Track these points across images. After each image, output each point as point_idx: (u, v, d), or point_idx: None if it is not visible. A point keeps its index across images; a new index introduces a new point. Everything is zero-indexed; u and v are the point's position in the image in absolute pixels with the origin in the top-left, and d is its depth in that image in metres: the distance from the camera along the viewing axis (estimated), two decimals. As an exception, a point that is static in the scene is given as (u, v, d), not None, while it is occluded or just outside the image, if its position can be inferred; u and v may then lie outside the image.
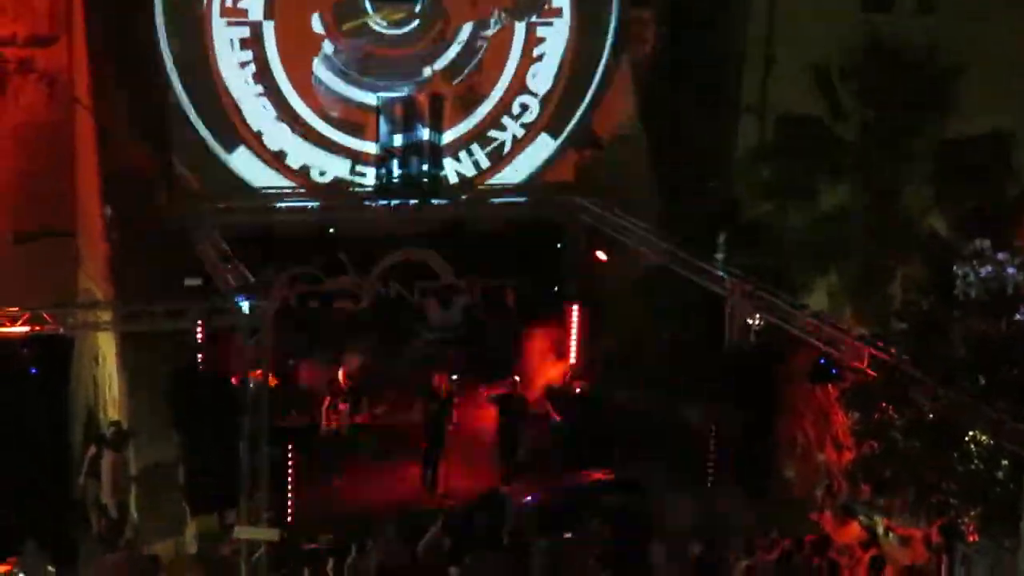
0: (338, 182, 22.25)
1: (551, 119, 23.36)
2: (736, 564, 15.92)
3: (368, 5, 21.88)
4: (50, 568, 15.08)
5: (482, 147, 23.18)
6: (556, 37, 23.10)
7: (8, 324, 14.91)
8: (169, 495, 17.75)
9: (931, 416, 15.00)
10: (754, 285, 18.35)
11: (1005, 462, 14.26)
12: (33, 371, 15.95)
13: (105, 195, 19.46)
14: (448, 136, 22.60)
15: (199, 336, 19.35)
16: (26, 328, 15.04)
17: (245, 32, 21.19)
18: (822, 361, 17.20)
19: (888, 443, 16.03)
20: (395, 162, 21.88)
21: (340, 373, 20.36)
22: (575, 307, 22.90)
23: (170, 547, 17.33)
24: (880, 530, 17.39)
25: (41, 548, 15.21)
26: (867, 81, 20.73)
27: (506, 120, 23.16)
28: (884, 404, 16.13)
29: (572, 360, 22.78)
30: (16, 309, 14.96)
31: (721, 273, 19.07)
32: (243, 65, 21.26)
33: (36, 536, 15.23)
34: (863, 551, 16.30)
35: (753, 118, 22.53)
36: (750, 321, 18.58)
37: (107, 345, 18.93)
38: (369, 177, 22.24)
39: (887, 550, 16.62)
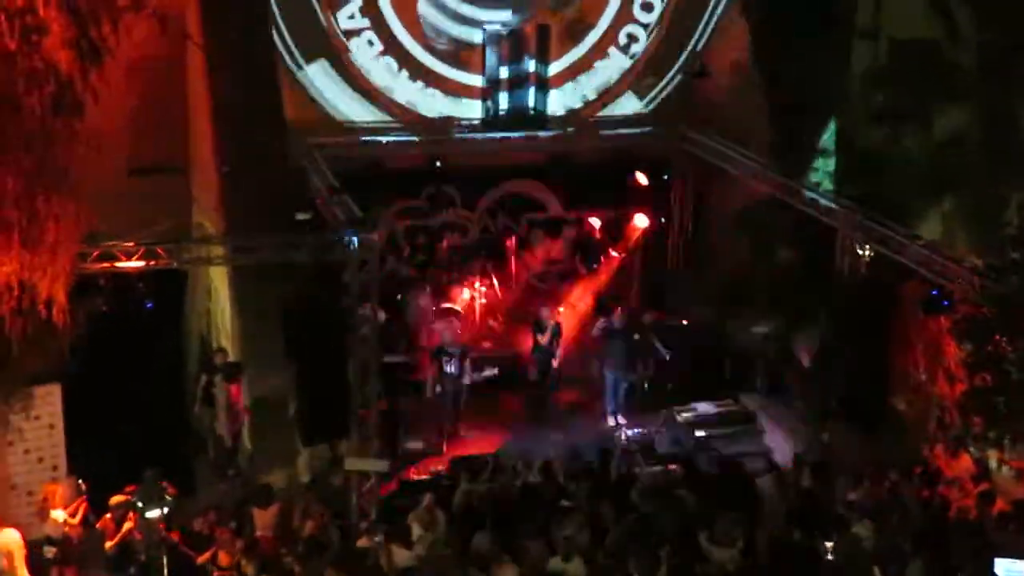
0: (445, 115, 22.27)
1: (659, 49, 23.08)
2: (845, 496, 15.81)
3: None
4: (167, 496, 15.45)
5: (589, 79, 23.02)
6: (662, -36, 22.83)
7: (124, 259, 15.21)
8: (281, 426, 18.09)
9: (1046, 347, 14.73)
10: (865, 215, 18.04)
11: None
12: (149, 305, 16.32)
13: (216, 130, 19.72)
14: (554, 67, 22.47)
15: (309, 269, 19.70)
16: (141, 263, 15.35)
17: (351, -35, 21.28)
18: (934, 292, 16.91)
19: (1001, 375, 15.78)
20: (501, 94, 21.80)
21: (447, 334, 20.26)
22: (682, 238, 22.79)
23: (282, 477, 17.69)
24: (993, 463, 17.15)
25: (160, 477, 15.61)
26: (985, 1, 20.14)
27: (613, 51, 22.95)
28: (997, 336, 15.86)
29: (679, 292, 22.71)
30: (131, 244, 15.26)
31: (831, 203, 18.78)
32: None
33: (155, 465, 15.63)
34: (974, 484, 16.09)
35: (866, 42, 22.02)
36: (861, 251, 18.31)
37: (219, 278, 19.25)
38: (475, 110, 22.22)
39: (999, 483, 16.38)
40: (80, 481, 15.41)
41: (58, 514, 15.06)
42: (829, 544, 13.72)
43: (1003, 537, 14.05)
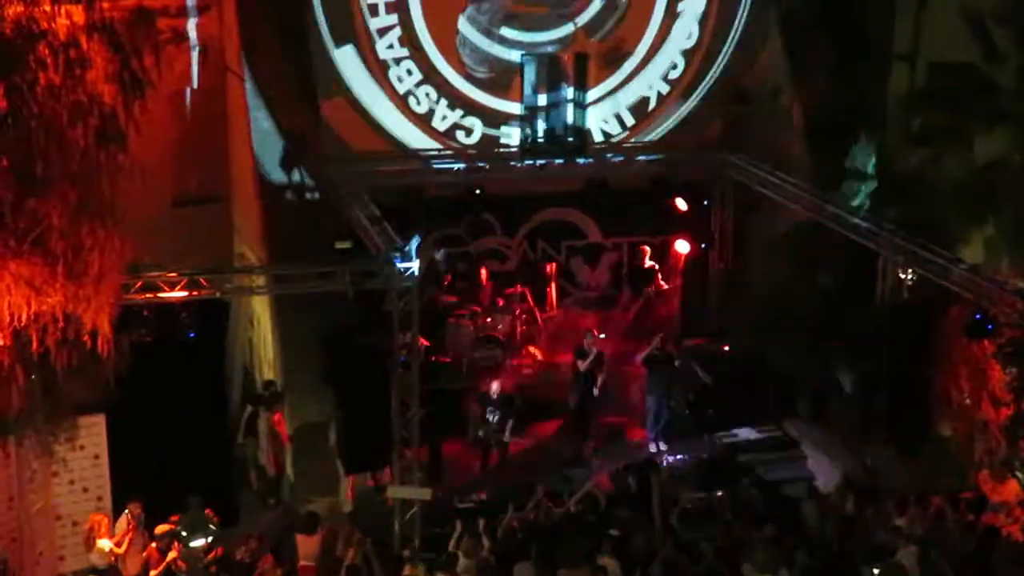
0: (484, 143, 22.34)
1: (697, 74, 23.10)
2: (889, 522, 15.67)
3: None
4: (211, 526, 15.53)
5: (627, 105, 23.04)
6: (700, -11, 22.86)
7: (167, 289, 15.32)
8: (324, 454, 18.13)
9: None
10: (907, 239, 17.95)
11: None
12: (191, 335, 16.42)
13: (257, 160, 19.89)
14: (593, 94, 22.51)
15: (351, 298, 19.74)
16: (184, 293, 15.44)
17: (390, -5, 21.42)
18: (978, 316, 16.79)
19: (1048, 399, 15.67)
20: (539, 121, 21.86)
21: (492, 385, 19.80)
22: (722, 264, 22.71)
23: (325, 505, 17.73)
24: (1041, 489, 17.01)
25: (203, 505, 15.68)
26: (1024, 24, 20.06)
27: (651, 77, 22.96)
28: (1043, 359, 15.76)
29: (720, 318, 22.63)
30: (174, 275, 15.35)
31: (873, 227, 18.67)
32: (388, 29, 21.44)
33: (198, 494, 15.70)
34: (1022, 510, 15.92)
35: (905, 66, 21.98)
36: (903, 275, 18.20)
37: (261, 308, 19.37)
38: (514, 137, 22.28)
39: (1048, 509, 16.22)
40: (128, 511, 15.49)
41: (104, 543, 15.15)
42: (876, 571, 13.57)
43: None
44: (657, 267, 23.10)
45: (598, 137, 22.87)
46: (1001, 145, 20.15)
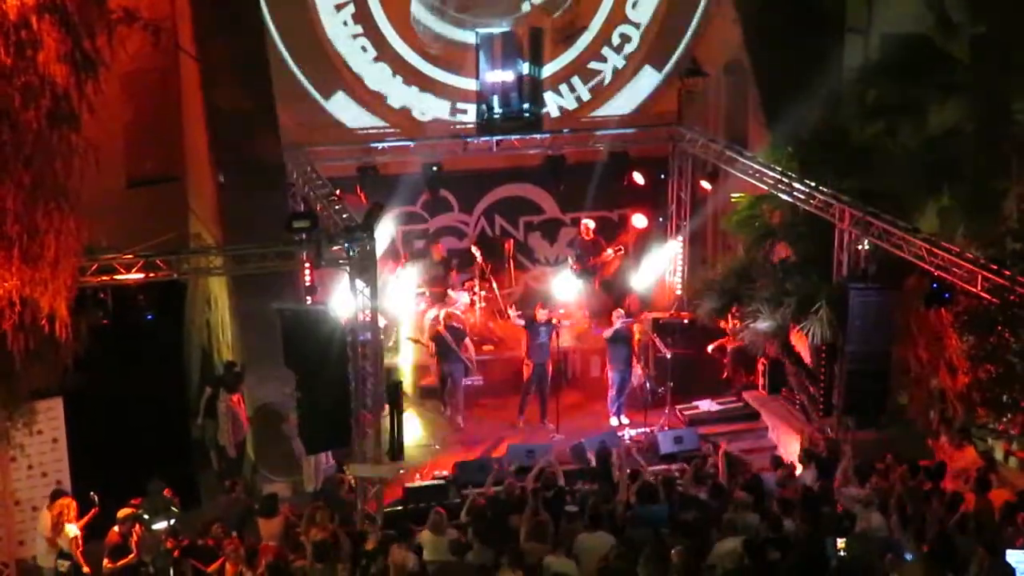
0: (439, 120, 22.26)
1: (652, 49, 23.11)
2: (849, 490, 15.77)
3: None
4: (173, 508, 15.44)
5: (583, 80, 23.03)
6: (654, -37, 22.86)
7: (123, 271, 15.14)
8: (284, 434, 18.03)
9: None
10: (864, 210, 18.02)
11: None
12: (149, 317, 16.28)
13: (212, 140, 19.71)
14: (548, 70, 22.45)
15: (308, 277, 19.63)
16: (141, 275, 15.27)
17: (343, -28, 21.29)
18: (935, 285, 16.88)
19: (1005, 366, 15.79)
20: (495, 98, 21.77)
21: None
22: (680, 238, 22.75)
23: (287, 486, 17.66)
24: (999, 454, 17.15)
25: (164, 488, 15.58)
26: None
27: (607, 51, 22.97)
28: (1000, 327, 15.87)
29: (679, 291, 22.69)
30: (130, 256, 15.19)
31: (829, 198, 18.73)
32: (341, 7, 21.31)
33: (158, 477, 15.60)
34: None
35: (858, 38, 22.05)
36: (860, 246, 18.28)
37: (219, 288, 19.23)
38: (470, 114, 22.20)
39: (1005, 474, 16.37)
40: (92, 493, 15.37)
41: (72, 528, 15.03)
42: (841, 542, 13.62)
43: (1012, 530, 14.02)
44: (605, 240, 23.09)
45: (554, 113, 22.84)
46: (955, 115, 20.28)
